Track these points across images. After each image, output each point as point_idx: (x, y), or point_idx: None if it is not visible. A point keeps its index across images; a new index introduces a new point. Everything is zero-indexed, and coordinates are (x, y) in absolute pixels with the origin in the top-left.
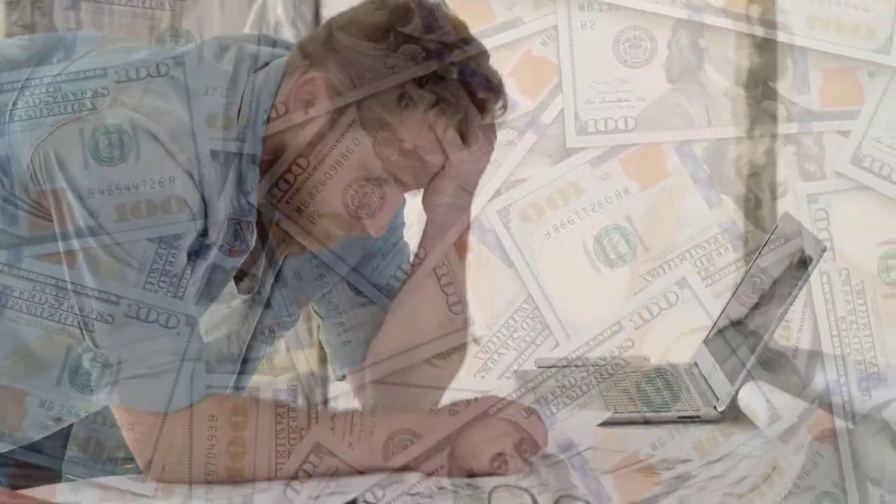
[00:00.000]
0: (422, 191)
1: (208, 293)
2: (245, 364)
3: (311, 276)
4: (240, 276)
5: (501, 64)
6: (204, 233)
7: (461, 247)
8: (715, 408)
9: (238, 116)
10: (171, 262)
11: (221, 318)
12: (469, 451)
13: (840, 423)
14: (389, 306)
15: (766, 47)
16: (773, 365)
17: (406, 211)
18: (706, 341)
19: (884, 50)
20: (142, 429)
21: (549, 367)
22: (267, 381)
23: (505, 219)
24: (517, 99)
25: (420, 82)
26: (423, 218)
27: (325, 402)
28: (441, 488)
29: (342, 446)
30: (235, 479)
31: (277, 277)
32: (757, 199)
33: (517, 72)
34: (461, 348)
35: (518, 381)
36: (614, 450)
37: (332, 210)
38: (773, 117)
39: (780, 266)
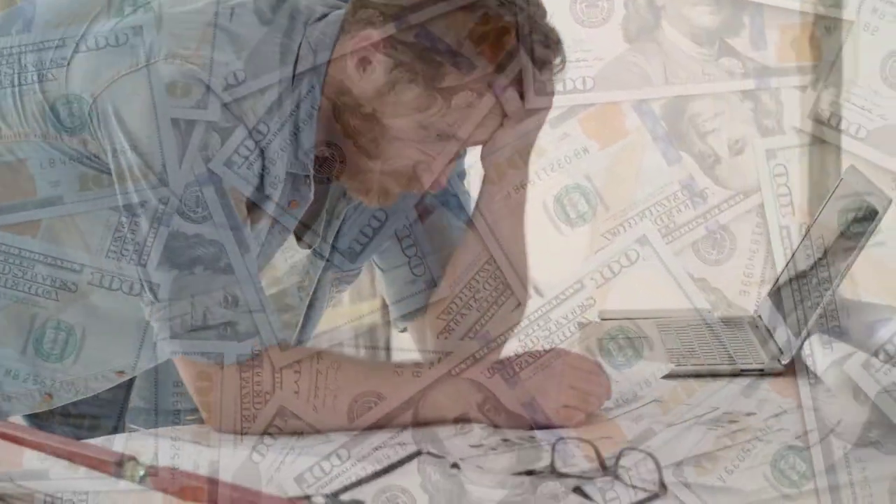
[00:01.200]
0: (480, 147)
1: (269, 247)
2: (308, 317)
3: (370, 231)
4: (300, 231)
5: (459, 27)
6: (260, 186)
7: (518, 204)
8: (779, 361)
9: (294, 71)
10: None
11: (283, 272)
12: (431, 411)
13: (802, 378)
14: (448, 259)
15: (722, 4)
16: (734, 321)
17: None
18: (770, 294)
19: (839, 4)
20: (201, 380)
21: (613, 319)
22: (329, 331)
23: (465, 180)
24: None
25: (478, 40)
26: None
27: (388, 352)
28: (505, 440)
29: (307, 409)
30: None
31: (338, 232)
32: (716, 155)
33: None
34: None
35: (581, 333)
36: (682, 402)
37: (390, 167)
38: (731, 74)
39: (844, 219)
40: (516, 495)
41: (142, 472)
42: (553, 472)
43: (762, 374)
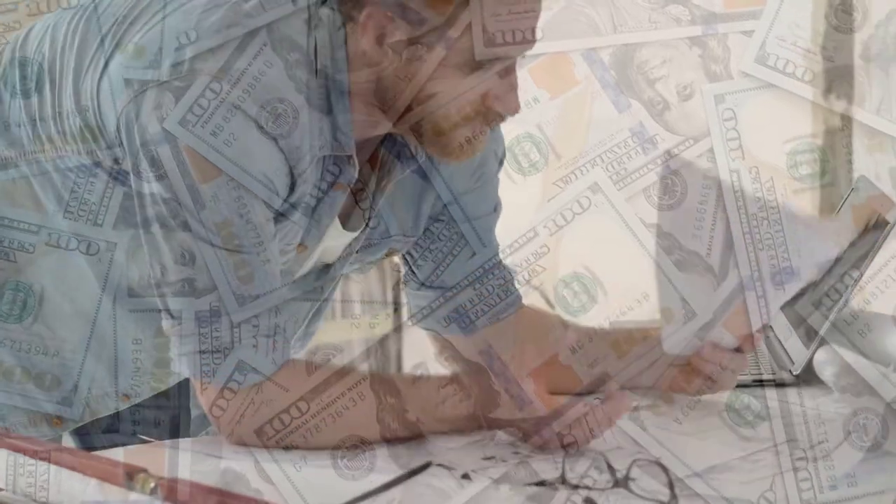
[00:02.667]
0: None
1: (317, 233)
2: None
3: (413, 207)
4: (345, 213)
5: None
6: (290, 174)
7: None
8: (790, 371)
9: (316, 55)
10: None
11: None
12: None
13: (756, 319)
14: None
15: None
16: (687, 264)
17: None
18: (783, 306)
19: None
20: (212, 400)
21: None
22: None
23: (417, 132)
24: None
25: None
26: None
27: (399, 361)
28: (516, 453)
29: (265, 363)
30: None
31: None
32: (665, 101)
33: None
34: None
35: None
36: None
37: (458, 114)
38: (678, 21)
39: (856, 228)
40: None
41: (152, 484)
42: (564, 482)
43: (774, 384)
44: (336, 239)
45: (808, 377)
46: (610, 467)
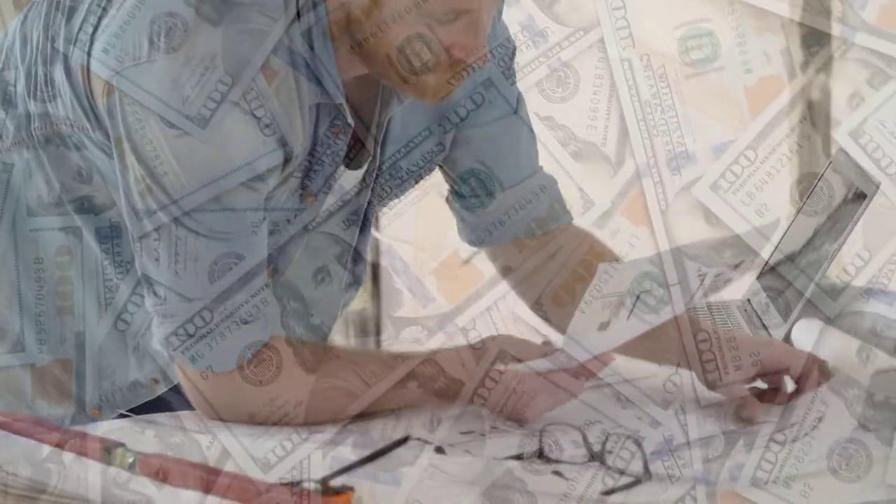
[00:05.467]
0: None
1: (322, 181)
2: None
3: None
4: (350, 155)
5: None
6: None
7: None
8: None
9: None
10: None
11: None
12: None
13: (653, 205)
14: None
15: None
16: (583, 155)
17: None
18: (759, 277)
19: None
20: (193, 385)
21: None
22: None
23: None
24: None
25: None
26: None
27: (378, 339)
28: (494, 427)
29: (168, 274)
30: None
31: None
32: None
33: None
34: None
35: None
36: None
37: (422, 60)
38: None
39: (833, 202)
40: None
41: (131, 459)
42: (541, 457)
43: None
44: (348, 181)
45: None
46: (586, 441)
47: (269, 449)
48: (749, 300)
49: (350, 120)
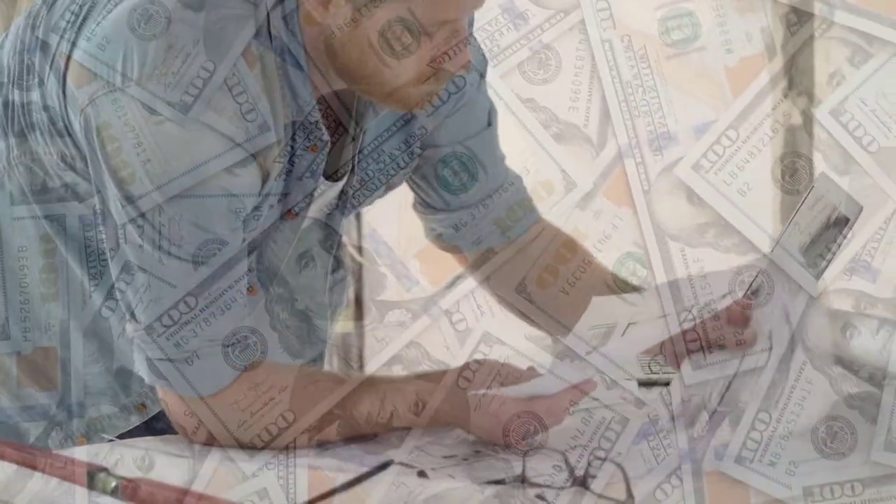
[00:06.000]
0: None
1: (301, 196)
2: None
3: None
4: (329, 168)
5: None
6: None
7: None
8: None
9: (269, 27)
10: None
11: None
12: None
13: (636, 185)
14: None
15: None
16: (565, 137)
17: None
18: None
19: None
20: (179, 372)
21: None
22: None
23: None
24: None
25: None
26: None
27: (361, 360)
28: (477, 451)
29: (152, 261)
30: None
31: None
32: None
33: None
34: None
35: None
36: None
37: (408, 76)
38: None
39: (814, 226)
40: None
41: (114, 484)
42: (524, 481)
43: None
44: (326, 194)
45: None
46: (569, 465)
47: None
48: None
49: (326, 135)
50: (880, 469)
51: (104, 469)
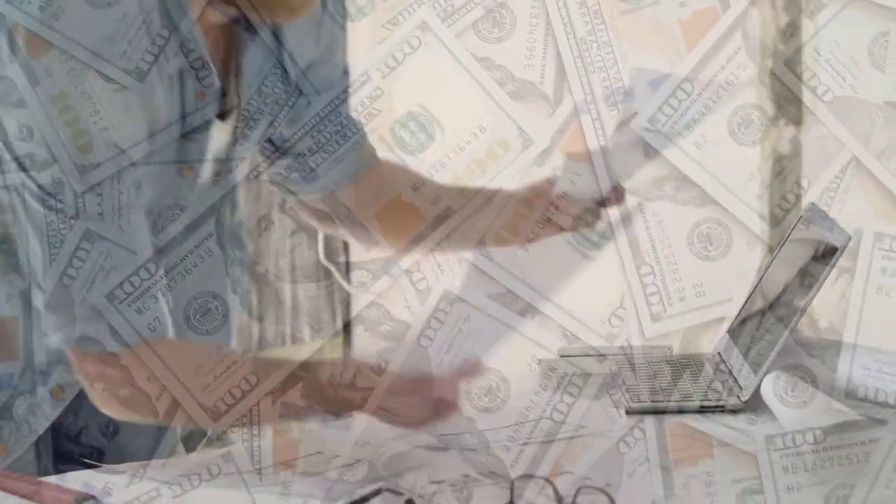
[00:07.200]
0: None
1: (197, 148)
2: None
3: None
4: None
5: None
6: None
7: None
8: (739, 398)
9: None
10: None
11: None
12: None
13: (593, 141)
14: None
15: None
16: (521, 94)
17: None
18: (730, 331)
19: None
20: (138, 373)
21: (572, 356)
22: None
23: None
24: None
25: None
26: None
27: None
28: (466, 475)
29: (112, 228)
30: None
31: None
32: None
33: None
34: None
35: (542, 370)
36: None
37: None
38: None
39: (803, 256)
40: None
41: None
42: None
43: (723, 410)
44: (220, 138)
45: (756, 404)
46: (557, 494)
47: None
48: (720, 353)
49: (216, 80)
50: (841, 416)
51: (91, 497)
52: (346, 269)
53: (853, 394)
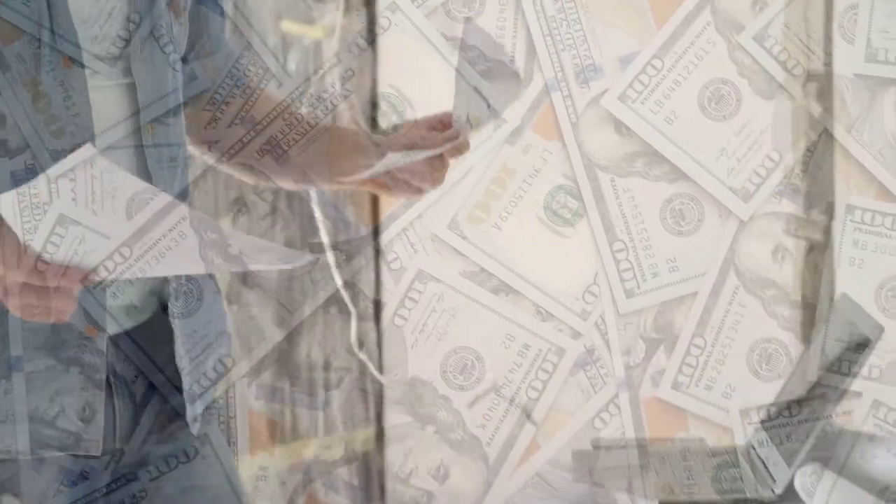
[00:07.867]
0: None
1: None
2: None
3: None
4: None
5: None
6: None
7: None
8: (772, 490)
9: None
10: None
11: None
12: None
13: (564, 118)
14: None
15: None
16: (492, 73)
17: None
18: (763, 422)
19: None
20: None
21: (605, 447)
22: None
23: None
24: None
25: None
26: None
27: (381, 476)
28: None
29: (86, 213)
30: None
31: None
32: None
33: None
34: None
35: (574, 461)
36: None
37: None
38: None
39: (837, 347)
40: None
41: None
42: None
43: (756, 502)
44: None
45: (789, 495)
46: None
47: None
48: (753, 445)
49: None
50: (817, 389)
51: None
52: (321, 248)
53: (827, 364)
